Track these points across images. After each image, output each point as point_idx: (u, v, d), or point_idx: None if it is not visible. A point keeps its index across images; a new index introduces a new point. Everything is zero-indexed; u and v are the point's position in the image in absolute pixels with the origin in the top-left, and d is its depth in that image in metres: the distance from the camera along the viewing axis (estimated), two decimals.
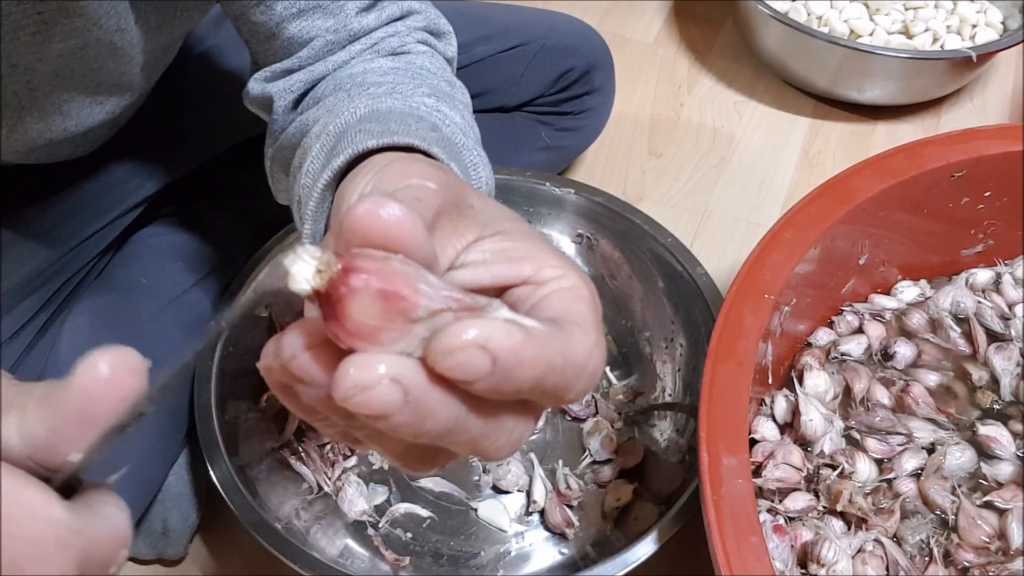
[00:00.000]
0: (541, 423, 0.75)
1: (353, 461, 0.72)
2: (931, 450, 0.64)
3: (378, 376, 0.21)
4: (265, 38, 0.51)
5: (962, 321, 0.72)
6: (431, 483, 0.72)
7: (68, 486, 0.24)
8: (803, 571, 0.57)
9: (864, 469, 0.62)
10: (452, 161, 0.38)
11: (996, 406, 0.67)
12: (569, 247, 0.80)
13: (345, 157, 0.38)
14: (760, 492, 0.60)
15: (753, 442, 0.63)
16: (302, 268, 0.22)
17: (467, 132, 0.45)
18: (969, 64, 1.01)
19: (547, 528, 0.70)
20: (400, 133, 0.38)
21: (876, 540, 0.59)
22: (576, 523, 0.70)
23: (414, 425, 0.22)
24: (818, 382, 0.66)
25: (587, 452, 0.73)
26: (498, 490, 0.72)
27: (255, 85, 0.52)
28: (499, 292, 0.26)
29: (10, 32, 0.45)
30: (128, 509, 0.25)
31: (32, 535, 0.22)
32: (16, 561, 0.21)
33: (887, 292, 0.75)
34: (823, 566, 0.56)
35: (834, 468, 0.62)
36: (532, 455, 0.73)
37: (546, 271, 0.26)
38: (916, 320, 0.72)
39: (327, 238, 0.28)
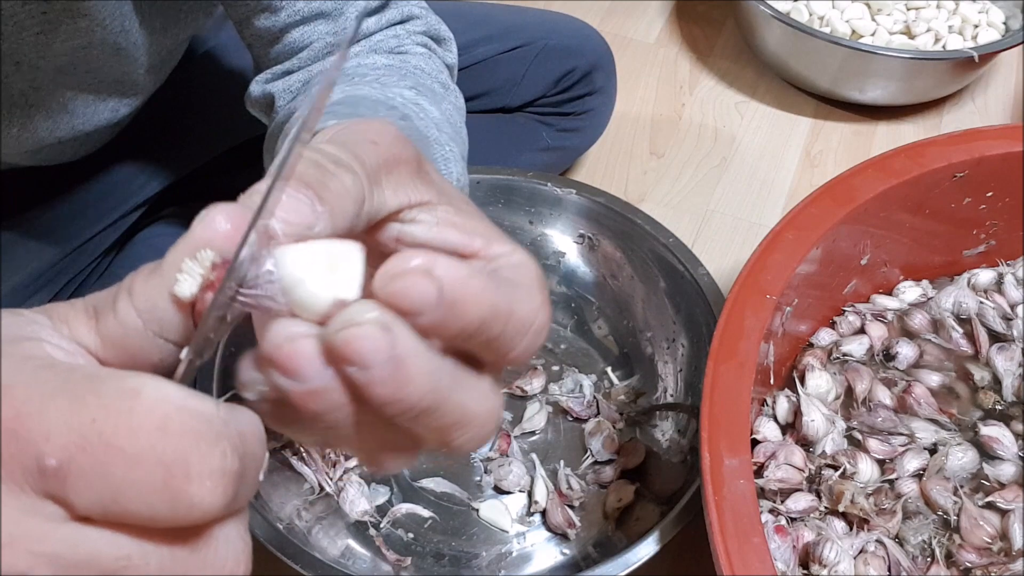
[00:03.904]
0: (543, 423, 0.75)
1: (355, 461, 0.72)
2: (933, 451, 0.64)
3: (370, 318, 0.21)
4: (268, 42, 0.51)
5: (964, 321, 0.72)
6: (433, 483, 0.72)
7: None
8: (805, 572, 0.57)
9: (866, 470, 0.62)
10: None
11: (998, 407, 0.67)
12: (571, 247, 0.80)
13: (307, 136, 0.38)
14: (762, 492, 0.60)
15: (755, 442, 0.63)
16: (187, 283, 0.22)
17: (442, 127, 0.45)
18: (971, 64, 1.01)
19: (548, 528, 0.70)
20: (367, 117, 0.38)
21: (878, 541, 0.58)
22: (578, 523, 0.70)
23: (397, 391, 0.21)
24: (820, 382, 0.66)
25: (589, 452, 0.73)
26: (499, 490, 0.72)
27: (256, 87, 0.52)
28: None
29: (14, 31, 0.45)
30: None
31: (188, 428, 0.19)
32: (181, 459, 0.18)
33: (889, 292, 0.75)
34: (825, 567, 0.56)
35: (836, 469, 0.62)
36: (534, 455, 0.73)
37: (496, 247, 0.26)
38: (918, 320, 0.72)
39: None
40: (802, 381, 0.67)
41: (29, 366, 0.20)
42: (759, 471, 0.61)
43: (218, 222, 0.22)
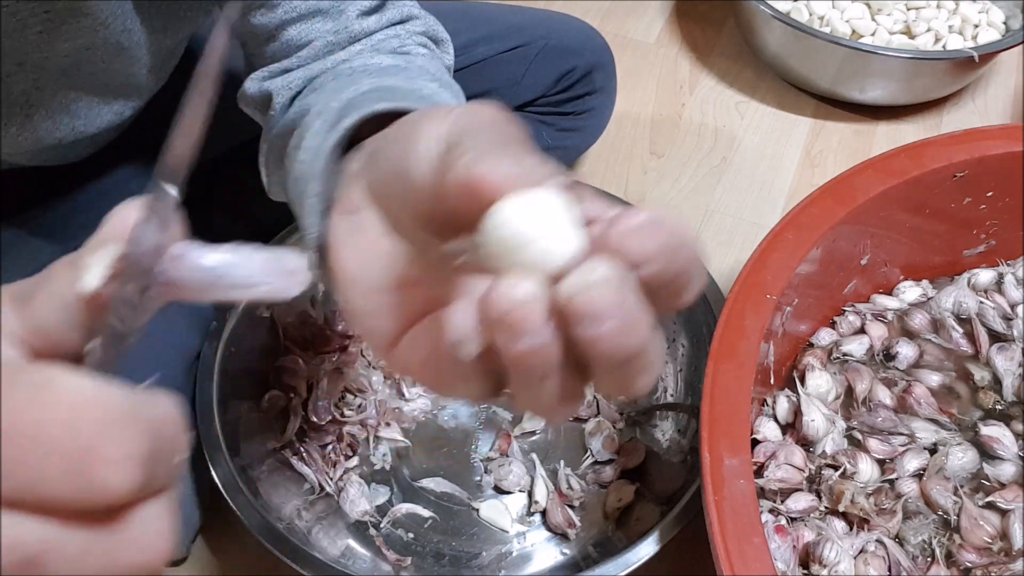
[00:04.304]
0: (543, 423, 0.75)
1: (355, 461, 0.72)
2: (933, 451, 0.64)
3: (604, 275, 0.22)
4: (264, 40, 0.51)
5: (964, 321, 0.72)
6: (433, 483, 0.72)
7: None
8: (805, 571, 0.57)
9: (866, 469, 0.62)
10: None
11: (998, 406, 0.67)
12: None
13: (352, 120, 0.37)
14: (762, 492, 0.60)
15: (755, 442, 0.63)
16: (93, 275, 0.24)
17: None
18: (971, 64, 1.01)
19: (549, 528, 0.70)
20: (411, 103, 0.37)
21: (878, 541, 0.59)
22: (578, 523, 0.70)
23: (625, 328, 0.23)
24: (820, 382, 0.66)
25: (589, 452, 0.73)
26: (500, 490, 0.72)
27: (252, 84, 0.52)
28: None
29: (17, 28, 0.45)
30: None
31: (97, 416, 0.19)
32: (90, 445, 0.19)
33: (889, 292, 0.75)
34: (825, 567, 0.56)
35: (836, 468, 0.62)
36: (534, 455, 0.73)
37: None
38: (918, 320, 0.72)
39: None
40: (802, 381, 0.67)
41: None
42: (759, 471, 0.61)
43: (126, 217, 0.24)
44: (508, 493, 0.72)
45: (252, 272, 0.28)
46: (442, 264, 0.27)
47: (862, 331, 0.72)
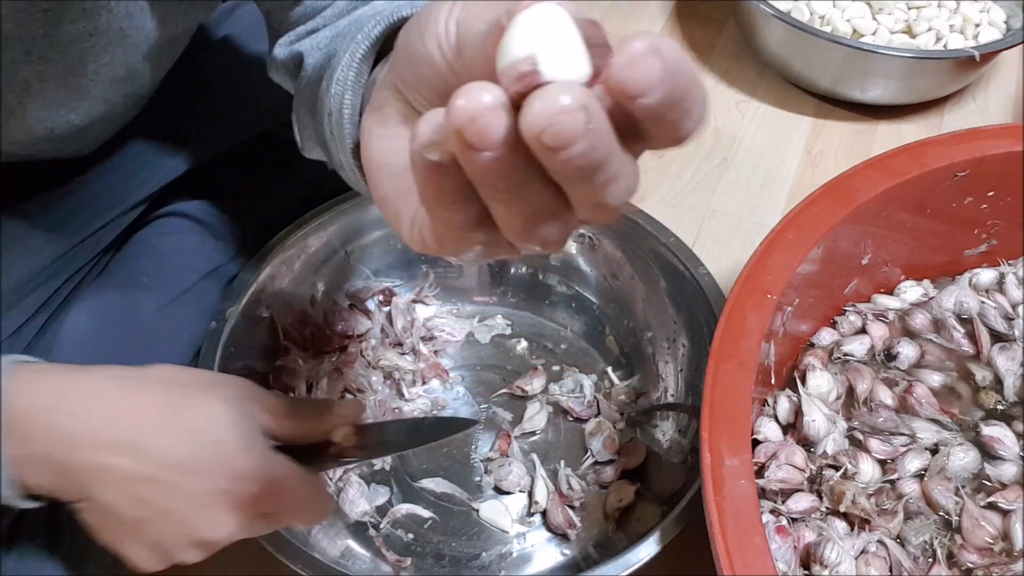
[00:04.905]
0: (543, 423, 0.75)
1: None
2: (934, 451, 0.64)
3: (568, 105, 0.22)
4: (288, 6, 0.51)
5: (965, 321, 0.72)
6: (433, 484, 0.72)
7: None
8: (806, 572, 0.57)
9: (867, 470, 0.62)
10: None
11: (1000, 407, 0.67)
12: (571, 247, 0.80)
13: (383, 26, 0.39)
14: (763, 493, 0.60)
15: (756, 443, 0.63)
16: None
17: None
18: (972, 64, 1.00)
19: (549, 529, 0.70)
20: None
21: (879, 541, 0.58)
22: (578, 524, 0.70)
23: (587, 152, 0.23)
24: (821, 382, 0.66)
25: (589, 453, 0.73)
26: (500, 491, 0.72)
27: (281, 50, 0.52)
28: None
29: (22, 9, 0.45)
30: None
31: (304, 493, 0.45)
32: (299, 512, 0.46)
33: (890, 292, 0.75)
34: (826, 567, 0.56)
35: (837, 469, 0.61)
36: (534, 455, 0.73)
37: None
38: (919, 320, 0.72)
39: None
40: (803, 381, 0.66)
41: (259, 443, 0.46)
42: (760, 471, 0.61)
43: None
44: (508, 493, 0.71)
45: None
46: None
47: (863, 331, 0.72)
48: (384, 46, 0.41)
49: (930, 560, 0.59)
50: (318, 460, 0.51)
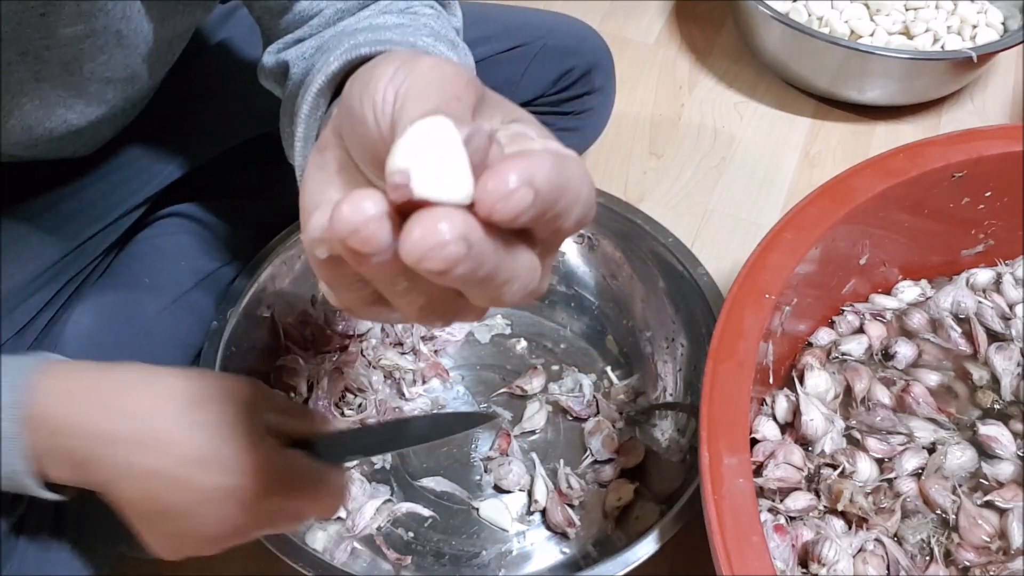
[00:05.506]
0: (542, 423, 0.75)
1: (355, 460, 0.72)
2: (932, 450, 0.64)
3: (444, 238, 0.23)
4: (277, 13, 0.52)
5: (963, 321, 0.72)
6: (433, 483, 0.72)
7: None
8: (804, 570, 0.57)
9: (865, 469, 0.62)
10: None
11: (997, 406, 0.67)
12: (570, 247, 0.80)
13: (338, 64, 0.41)
14: (761, 492, 0.61)
15: (754, 442, 0.63)
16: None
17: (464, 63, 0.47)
18: (969, 64, 1.01)
19: (548, 527, 0.70)
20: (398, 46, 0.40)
21: (877, 540, 0.59)
22: (577, 522, 0.70)
23: (469, 274, 0.24)
24: (819, 382, 0.66)
25: (588, 452, 0.73)
26: (499, 489, 0.72)
27: (269, 57, 0.53)
28: None
29: (19, 11, 0.45)
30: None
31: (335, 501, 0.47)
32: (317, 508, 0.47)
33: (888, 292, 0.75)
34: (824, 565, 0.56)
35: (835, 468, 0.62)
36: (534, 455, 0.73)
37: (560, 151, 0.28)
38: (917, 320, 0.72)
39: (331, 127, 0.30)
40: (801, 380, 0.67)
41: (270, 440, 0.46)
42: (758, 470, 0.61)
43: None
44: (508, 492, 0.72)
45: None
46: None
47: (861, 331, 0.72)
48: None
49: (927, 558, 0.59)
50: (338, 452, 0.51)
